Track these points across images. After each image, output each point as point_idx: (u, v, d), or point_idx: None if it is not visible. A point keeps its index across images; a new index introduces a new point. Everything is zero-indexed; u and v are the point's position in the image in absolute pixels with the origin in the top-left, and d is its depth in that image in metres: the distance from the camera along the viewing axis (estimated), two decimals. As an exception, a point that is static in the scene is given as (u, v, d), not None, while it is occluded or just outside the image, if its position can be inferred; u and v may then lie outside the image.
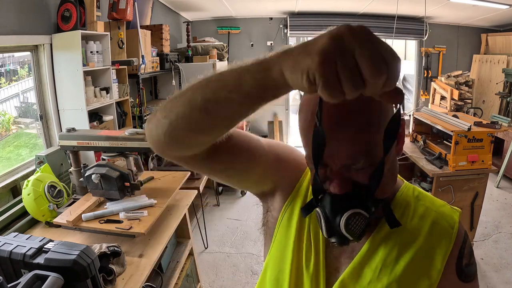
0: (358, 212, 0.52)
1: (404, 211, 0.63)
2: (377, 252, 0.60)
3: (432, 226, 0.60)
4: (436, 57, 5.94)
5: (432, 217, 0.61)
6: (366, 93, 0.36)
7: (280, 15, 5.67)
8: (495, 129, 2.71)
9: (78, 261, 1.00)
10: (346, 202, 0.53)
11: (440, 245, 0.59)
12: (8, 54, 2.35)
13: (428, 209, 0.63)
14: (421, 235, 0.59)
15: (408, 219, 0.61)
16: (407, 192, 0.66)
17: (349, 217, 0.52)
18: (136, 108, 3.11)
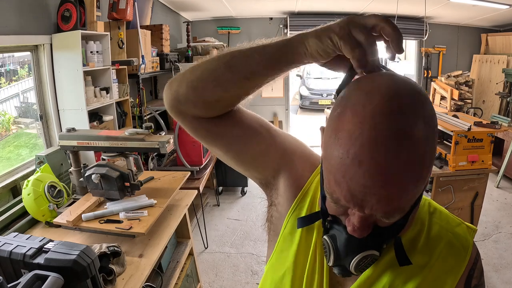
0: (371, 254, 0.49)
1: (419, 231, 0.58)
2: (385, 273, 0.56)
3: (446, 249, 0.57)
4: (436, 57, 5.94)
5: (447, 238, 0.57)
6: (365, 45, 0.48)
7: (280, 15, 5.68)
8: (495, 129, 2.71)
9: (78, 261, 1.00)
10: (362, 244, 0.49)
11: (452, 268, 0.56)
12: (8, 54, 2.35)
13: (443, 229, 0.59)
14: (433, 257, 0.56)
15: (421, 240, 0.58)
16: (422, 208, 0.61)
17: (361, 259, 0.49)
18: (136, 108, 3.11)
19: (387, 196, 0.42)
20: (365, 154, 0.41)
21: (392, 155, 0.41)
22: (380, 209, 0.44)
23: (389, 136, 0.41)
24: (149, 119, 3.43)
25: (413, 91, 0.45)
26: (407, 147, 0.41)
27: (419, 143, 0.42)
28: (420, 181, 0.44)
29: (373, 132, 0.41)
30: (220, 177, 4.32)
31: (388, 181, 0.41)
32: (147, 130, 1.85)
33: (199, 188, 2.92)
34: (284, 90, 6.02)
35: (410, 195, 0.44)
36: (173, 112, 0.64)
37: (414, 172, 0.42)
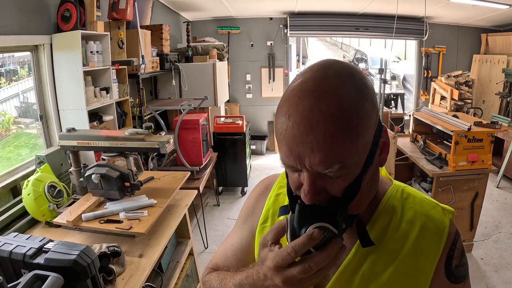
0: (325, 227, 0.50)
1: (392, 217, 0.61)
2: (365, 259, 0.58)
3: (421, 231, 0.59)
4: (436, 57, 5.94)
5: (421, 221, 0.60)
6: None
7: (280, 15, 5.68)
8: (495, 129, 2.71)
9: (78, 261, 1.00)
10: (314, 214, 0.51)
11: (429, 250, 0.58)
12: (8, 54, 2.35)
13: (417, 212, 0.61)
14: (409, 241, 0.58)
15: (395, 225, 0.60)
16: (395, 195, 0.64)
17: (316, 228, 0.50)
18: (136, 108, 3.11)
19: (315, 143, 0.48)
20: (292, 109, 0.50)
21: (312, 106, 0.48)
22: (316, 160, 0.48)
23: (311, 93, 0.49)
24: (149, 119, 3.43)
25: (342, 66, 0.53)
26: (328, 101, 0.48)
27: (342, 99, 0.48)
28: (348, 135, 0.48)
29: (299, 92, 0.50)
30: (220, 177, 4.32)
31: (312, 128, 0.47)
32: (147, 130, 1.85)
33: (199, 188, 2.92)
34: (284, 90, 6.00)
35: (341, 147, 0.48)
36: None
37: (338, 123, 0.48)
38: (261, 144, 5.88)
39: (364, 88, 0.52)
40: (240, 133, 4.19)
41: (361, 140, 0.50)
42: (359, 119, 0.49)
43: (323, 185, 0.52)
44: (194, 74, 4.04)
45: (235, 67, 5.83)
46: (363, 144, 0.51)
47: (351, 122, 0.48)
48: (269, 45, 5.82)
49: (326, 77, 0.50)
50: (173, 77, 3.76)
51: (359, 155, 0.51)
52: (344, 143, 0.48)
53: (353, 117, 0.48)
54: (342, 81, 0.50)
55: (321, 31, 6.04)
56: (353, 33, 5.88)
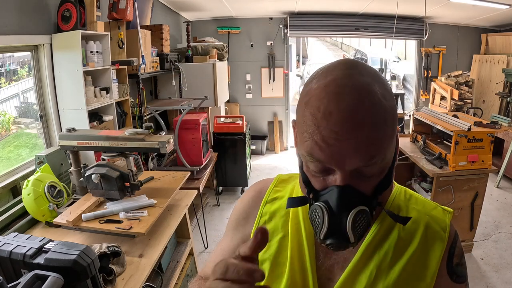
0: (365, 210, 0.51)
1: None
2: (372, 259, 0.59)
3: (425, 231, 0.60)
4: (436, 57, 5.94)
5: (425, 221, 0.61)
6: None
7: (280, 15, 5.67)
8: (495, 129, 2.71)
9: (78, 261, 1.00)
10: (354, 197, 0.51)
11: (433, 248, 0.59)
12: (8, 54, 2.35)
13: (420, 213, 0.62)
14: (415, 240, 0.59)
15: (401, 225, 0.60)
16: (399, 195, 0.66)
17: (357, 213, 0.50)
18: (136, 108, 3.11)
19: (360, 139, 0.48)
20: (333, 106, 0.48)
21: (356, 103, 0.48)
22: (359, 156, 0.49)
23: (351, 90, 0.49)
24: (149, 119, 3.43)
25: (365, 64, 0.55)
26: (369, 97, 0.49)
27: (379, 97, 0.50)
28: (388, 128, 0.51)
29: (337, 88, 0.49)
30: (220, 177, 4.32)
31: (357, 124, 0.48)
32: (147, 130, 1.85)
33: (199, 188, 2.92)
34: (284, 90, 6.02)
35: (382, 141, 0.50)
36: None
37: (379, 117, 0.49)
38: (261, 144, 5.88)
39: (387, 85, 0.54)
40: (240, 133, 4.19)
41: (394, 133, 0.53)
42: (393, 113, 0.52)
43: (355, 184, 0.52)
44: (194, 74, 4.04)
45: (235, 67, 5.84)
46: (394, 138, 0.54)
47: (389, 116, 0.51)
48: (269, 45, 5.82)
49: (361, 74, 0.51)
50: (173, 77, 3.76)
51: (392, 148, 0.54)
52: (385, 136, 0.50)
53: (389, 112, 0.51)
54: (373, 79, 0.52)
55: (321, 31, 6.04)
56: (353, 33, 5.88)
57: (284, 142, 6.25)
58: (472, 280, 2.68)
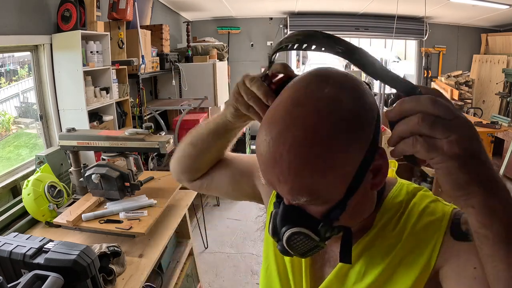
0: (302, 232, 0.48)
1: (392, 215, 0.58)
2: (361, 257, 0.58)
3: (417, 222, 0.56)
4: (436, 57, 5.94)
5: (418, 213, 0.57)
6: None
7: (280, 15, 5.68)
8: (495, 129, 2.71)
9: (78, 261, 1.00)
10: (295, 219, 0.49)
11: (427, 240, 0.54)
12: (8, 54, 2.35)
13: (415, 205, 0.58)
14: (405, 233, 0.56)
15: (394, 222, 0.58)
16: (399, 193, 0.61)
17: (292, 234, 0.49)
18: (136, 108, 3.11)
19: (280, 175, 0.45)
20: (263, 135, 0.47)
21: (280, 137, 0.45)
22: (284, 190, 0.47)
23: (280, 119, 0.46)
24: (149, 119, 3.43)
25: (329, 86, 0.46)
26: (295, 131, 0.44)
27: (310, 131, 0.44)
28: (316, 169, 0.44)
29: (272, 117, 0.48)
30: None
31: (276, 161, 0.45)
32: (147, 130, 1.85)
33: (199, 188, 2.91)
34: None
35: (308, 182, 0.45)
36: (183, 182, 0.84)
37: (303, 157, 0.44)
38: (261, 144, 5.87)
39: (351, 116, 0.45)
40: (240, 133, 4.19)
41: (334, 173, 0.45)
42: (331, 152, 0.44)
43: (304, 205, 0.50)
44: (194, 74, 4.04)
45: (235, 67, 5.84)
46: (340, 174, 0.46)
47: (320, 156, 0.43)
48: (269, 45, 5.82)
49: (299, 104, 0.46)
50: (173, 77, 3.76)
51: (335, 186, 0.47)
52: (311, 177, 0.44)
53: (323, 151, 0.43)
54: (317, 109, 0.44)
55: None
56: (353, 33, 5.88)
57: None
58: (472, 280, 2.67)
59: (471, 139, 0.37)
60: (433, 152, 0.37)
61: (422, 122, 0.36)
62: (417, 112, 0.37)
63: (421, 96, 0.38)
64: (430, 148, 0.37)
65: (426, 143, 0.37)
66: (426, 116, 0.37)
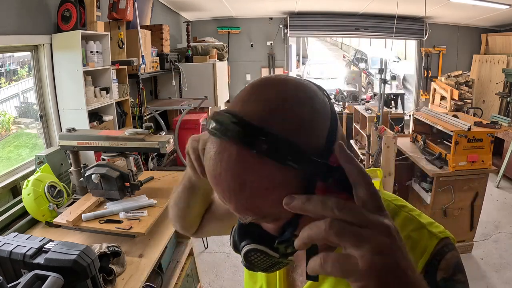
0: (258, 249, 0.47)
1: None
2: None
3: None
4: (436, 57, 5.94)
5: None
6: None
7: (280, 15, 5.68)
8: (495, 129, 2.71)
9: (78, 261, 1.00)
10: (253, 234, 0.48)
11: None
12: (8, 54, 2.35)
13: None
14: None
15: None
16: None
17: (249, 251, 0.47)
18: (136, 108, 3.11)
19: (222, 192, 0.44)
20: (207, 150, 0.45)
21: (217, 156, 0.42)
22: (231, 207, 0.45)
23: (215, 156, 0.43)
24: (149, 119, 3.43)
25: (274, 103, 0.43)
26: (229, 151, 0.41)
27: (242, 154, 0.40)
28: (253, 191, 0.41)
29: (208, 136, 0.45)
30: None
31: (216, 178, 0.43)
32: (147, 130, 1.85)
33: (199, 188, 2.91)
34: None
35: (248, 202, 0.43)
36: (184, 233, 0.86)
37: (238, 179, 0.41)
38: (261, 144, 5.87)
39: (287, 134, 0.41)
40: (240, 133, 4.19)
41: (275, 193, 0.41)
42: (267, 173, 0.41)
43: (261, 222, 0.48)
44: (194, 74, 4.04)
45: (235, 67, 5.83)
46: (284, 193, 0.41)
47: (256, 178, 0.41)
48: (269, 45, 5.82)
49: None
50: (173, 77, 3.76)
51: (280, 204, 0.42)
52: (250, 198, 0.42)
53: (258, 172, 0.41)
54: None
55: (321, 31, 6.04)
56: (353, 33, 5.89)
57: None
58: (472, 280, 2.66)
59: (389, 249, 0.33)
60: (347, 274, 0.32)
61: (329, 229, 0.33)
62: (323, 216, 0.34)
63: (328, 198, 0.35)
64: (343, 268, 0.32)
65: (338, 263, 0.33)
66: (333, 222, 0.33)
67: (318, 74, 10.02)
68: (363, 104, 4.47)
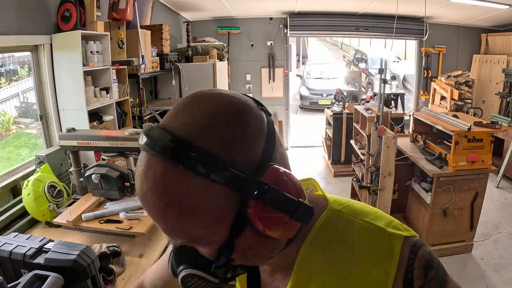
0: (195, 275, 0.45)
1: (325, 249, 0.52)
2: (312, 282, 0.52)
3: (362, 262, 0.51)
4: (436, 57, 5.94)
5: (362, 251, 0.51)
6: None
7: (280, 15, 5.68)
8: (495, 129, 2.71)
9: (78, 261, 1.00)
10: (190, 258, 0.46)
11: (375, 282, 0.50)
12: (8, 54, 2.35)
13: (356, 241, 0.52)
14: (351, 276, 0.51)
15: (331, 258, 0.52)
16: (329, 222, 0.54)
17: (186, 276, 0.46)
18: (136, 108, 3.11)
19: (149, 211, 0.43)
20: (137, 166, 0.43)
21: (142, 175, 0.41)
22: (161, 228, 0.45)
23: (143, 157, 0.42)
24: (149, 119, 3.43)
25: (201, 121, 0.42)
26: (153, 170, 0.40)
27: (164, 173, 0.40)
28: (176, 214, 0.41)
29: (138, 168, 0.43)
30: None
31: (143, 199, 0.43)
32: (147, 130, 1.85)
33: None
34: (284, 90, 6.02)
35: (174, 225, 0.42)
36: None
37: (162, 201, 0.41)
38: (261, 144, 5.88)
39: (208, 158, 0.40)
40: (240, 133, 4.18)
41: (200, 217, 0.41)
42: (190, 197, 0.40)
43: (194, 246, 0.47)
44: (194, 74, 4.03)
45: (235, 67, 5.84)
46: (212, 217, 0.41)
47: (177, 202, 0.40)
48: (269, 45, 5.82)
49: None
50: (173, 77, 3.76)
51: (208, 228, 0.42)
52: (176, 221, 0.41)
53: (179, 197, 0.40)
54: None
55: (321, 31, 6.04)
56: (353, 33, 5.88)
57: (284, 142, 6.26)
58: (472, 280, 2.68)
59: None
60: None
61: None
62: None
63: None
64: None
65: None
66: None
67: (318, 74, 10.02)
68: (363, 104, 4.46)
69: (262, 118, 0.46)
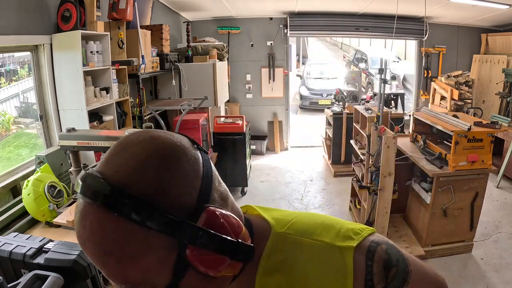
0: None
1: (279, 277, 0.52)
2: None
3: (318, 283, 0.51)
4: (436, 57, 5.94)
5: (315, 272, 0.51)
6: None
7: (280, 15, 5.67)
8: (495, 129, 2.71)
9: (78, 261, 1.00)
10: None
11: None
12: (8, 54, 2.35)
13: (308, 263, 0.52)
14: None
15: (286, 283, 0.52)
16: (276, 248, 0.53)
17: None
18: (136, 108, 3.11)
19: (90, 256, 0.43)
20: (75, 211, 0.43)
21: (80, 222, 0.41)
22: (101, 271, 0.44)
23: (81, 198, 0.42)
24: (149, 119, 3.43)
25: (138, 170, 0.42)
26: (91, 216, 0.40)
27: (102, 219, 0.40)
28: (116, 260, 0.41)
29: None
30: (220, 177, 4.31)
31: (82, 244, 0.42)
32: (147, 130, 1.85)
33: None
34: (284, 90, 6.02)
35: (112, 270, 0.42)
36: None
37: (99, 247, 0.41)
38: (261, 144, 5.88)
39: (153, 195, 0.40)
40: (240, 133, 4.19)
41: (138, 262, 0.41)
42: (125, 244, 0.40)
43: None
44: (194, 74, 4.03)
45: (235, 67, 5.83)
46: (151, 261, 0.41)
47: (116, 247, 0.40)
48: (269, 45, 5.82)
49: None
50: (173, 77, 3.76)
51: (149, 272, 0.42)
52: (115, 267, 0.41)
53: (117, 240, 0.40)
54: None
55: (321, 31, 6.04)
56: (353, 33, 5.88)
57: (284, 142, 6.25)
58: (472, 280, 2.68)
59: None
60: None
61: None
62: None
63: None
64: None
65: None
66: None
67: (318, 74, 10.02)
68: (363, 104, 4.46)
69: (197, 158, 0.46)
